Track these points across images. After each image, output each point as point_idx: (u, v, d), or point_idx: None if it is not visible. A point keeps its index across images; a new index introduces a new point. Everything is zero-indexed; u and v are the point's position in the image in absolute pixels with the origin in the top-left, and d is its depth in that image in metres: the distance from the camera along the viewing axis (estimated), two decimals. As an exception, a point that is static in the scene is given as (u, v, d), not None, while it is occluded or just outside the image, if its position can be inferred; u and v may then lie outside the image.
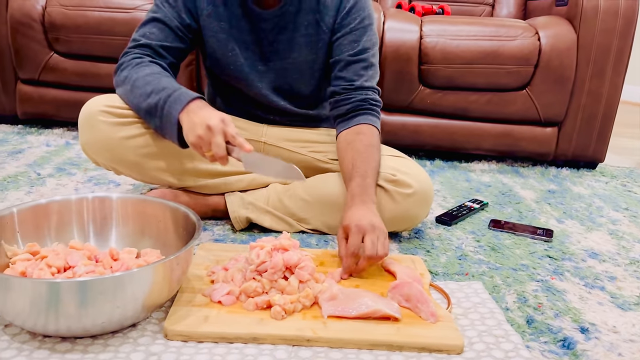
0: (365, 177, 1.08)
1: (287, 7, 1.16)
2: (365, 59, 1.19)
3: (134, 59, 1.12)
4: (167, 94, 1.03)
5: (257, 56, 1.20)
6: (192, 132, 0.98)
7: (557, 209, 1.53)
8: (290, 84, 1.25)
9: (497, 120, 1.89)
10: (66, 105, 1.92)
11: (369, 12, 1.20)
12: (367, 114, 1.19)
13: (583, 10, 1.78)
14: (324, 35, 1.18)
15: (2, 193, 1.37)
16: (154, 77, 1.07)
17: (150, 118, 1.08)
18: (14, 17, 1.83)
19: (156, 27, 1.15)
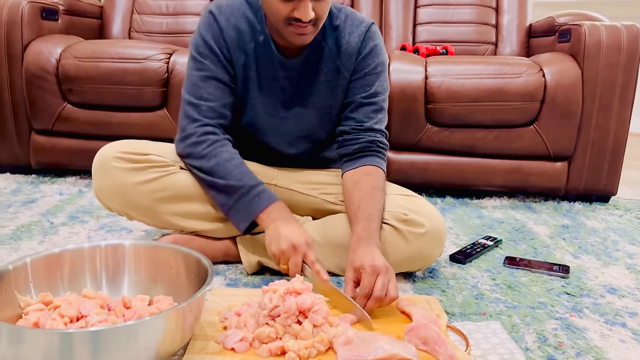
0: (370, 221, 1.09)
1: (310, 55, 1.20)
2: (376, 103, 1.22)
3: (208, 135, 1.15)
4: (252, 184, 1.11)
5: (280, 103, 1.23)
6: (277, 244, 1.04)
7: (572, 244, 1.51)
8: (308, 129, 1.27)
9: (506, 156, 1.89)
10: (79, 154, 1.95)
11: (383, 59, 1.24)
12: (374, 155, 1.20)
13: (586, 46, 1.81)
14: (344, 80, 1.22)
15: (15, 243, 1.38)
16: (234, 166, 1.14)
17: (221, 195, 1.13)
18: (29, 70, 1.89)
19: (211, 87, 1.17)
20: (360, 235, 1.07)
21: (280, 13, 1.06)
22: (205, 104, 1.16)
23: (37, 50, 1.90)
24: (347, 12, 1.24)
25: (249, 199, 1.10)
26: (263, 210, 1.08)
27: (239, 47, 1.18)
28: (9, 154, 2.01)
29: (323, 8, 1.08)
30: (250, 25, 1.18)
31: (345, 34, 1.21)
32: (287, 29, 1.08)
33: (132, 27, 2.39)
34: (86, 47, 1.90)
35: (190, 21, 2.36)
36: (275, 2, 1.05)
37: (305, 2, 1.03)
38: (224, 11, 1.18)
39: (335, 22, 1.21)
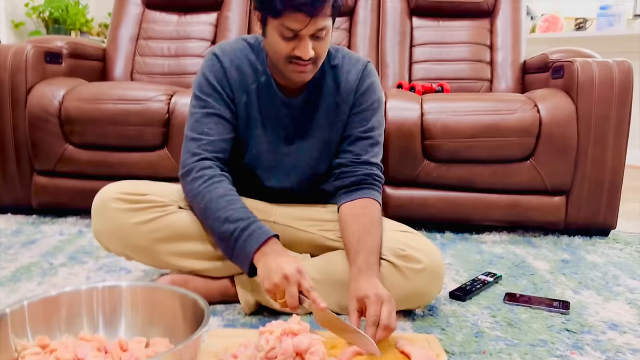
0: (370, 253, 1.10)
1: (310, 93, 1.24)
2: (372, 137, 1.26)
3: (205, 170, 1.16)
4: (242, 226, 1.09)
5: (282, 139, 1.26)
6: (268, 279, 1.03)
7: (572, 279, 1.50)
8: (309, 163, 1.29)
9: (504, 191, 1.90)
10: (80, 194, 1.96)
11: (380, 95, 1.28)
12: (370, 188, 1.23)
13: (579, 83, 1.84)
14: (343, 115, 1.26)
15: (14, 285, 1.38)
16: (227, 202, 1.12)
17: (223, 244, 1.13)
18: (32, 112, 1.92)
19: (212, 122, 1.20)
20: (361, 267, 1.07)
21: (282, 51, 1.10)
22: (206, 138, 1.18)
23: (41, 94, 1.94)
24: (344, 52, 1.29)
25: (241, 243, 1.08)
26: (257, 251, 1.07)
27: (241, 87, 1.22)
28: (11, 195, 2.03)
29: (322, 47, 1.12)
30: (253, 67, 1.23)
31: (343, 72, 1.25)
32: (288, 66, 1.12)
33: (134, 68, 2.44)
34: (89, 90, 1.94)
35: (191, 62, 2.42)
36: (278, 41, 1.09)
37: (306, 41, 1.08)
38: (227, 53, 1.23)
39: (334, 62, 1.26)
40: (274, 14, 1.07)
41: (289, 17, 1.05)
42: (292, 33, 1.07)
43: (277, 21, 1.08)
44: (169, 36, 2.47)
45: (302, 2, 1.03)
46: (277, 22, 1.08)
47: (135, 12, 2.52)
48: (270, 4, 1.06)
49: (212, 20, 2.50)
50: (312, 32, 1.08)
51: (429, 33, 2.48)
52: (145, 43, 2.47)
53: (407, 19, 2.51)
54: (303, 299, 1.01)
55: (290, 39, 1.08)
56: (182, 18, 2.50)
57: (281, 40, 1.09)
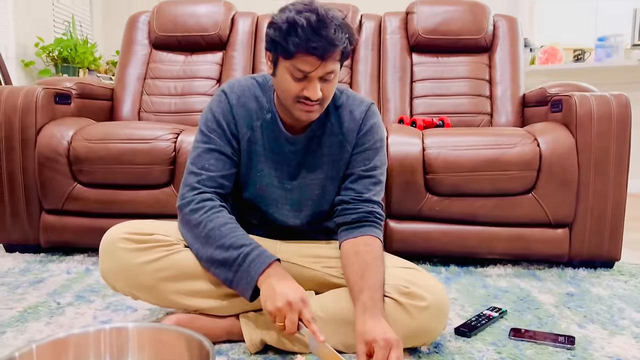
0: (374, 290, 1.12)
1: (315, 132, 1.28)
2: (374, 176, 1.29)
3: (206, 201, 1.19)
4: (246, 252, 1.12)
5: (285, 175, 1.30)
6: (272, 302, 1.05)
7: (578, 313, 1.50)
8: (312, 199, 1.32)
9: (507, 224, 1.91)
10: (87, 232, 1.99)
11: (382, 136, 1.32)
12: (372, 226, 1.25)
13: (577, 116, 1.87)
14: (346, 154, 1.29)
15: (22, 325, 1.39)
16: (229, 230, 1.16)
17: (221, 270, 1.15)
18: (42, 153, 1.97)
19: (213, 158, 1.24)
20: (367, 304, 1.09)
21: (291, 91, 1.15)
22: (207, 173, 1.22)
23: (50, 134, 1.99)
24: (349, 93, 1.34)
25: (245, 267, 1.11)
26: (261, 274, 1.09)
27: (246, 123, 1.26)
28: (19, 234, 2.06)
29: (329, 89, 1.18)
30: (259, 104, 1.28)
31: (347, 112, 1.30)
32: (296, 106, 1.17)
33: (141, 107, 2.50)
34: (97, 130, 1.99)
35: (197, 100, 2.47)
36: (288, 81, 1.15)
37: (315, 82, 1.13)
38: (235, 90, 1.28)
39: (338, 102, 1.30)
40: (286, 56, 1.13)
41: (300, 60, 1.11)
42: (303, 74, 1.13)
43: (288, 62, 1.13)
44: (175, 75, 2.53)
45: (314, 46, 1.09)
46: (288, 63, 1.13)
47: (143, 52, 2.59)
48: (283, 46, 1.11)
49: (218, 60, 2.57)
50: (321, 75, 1.13)
51: (429, 69, 2.53)
52: (152, 82, 2.53)
53: (407, 55, 2.56)
54: (301, 326, 1.03)
55: (300, 80, 1.14)
56: (189, 58, 2.57)
57: (291, 81, 1.14)
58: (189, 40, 2.57)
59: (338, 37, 1.11)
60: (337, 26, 1.12)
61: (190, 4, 2.61)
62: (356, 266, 1.17)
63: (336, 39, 1.11)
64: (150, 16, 2.64)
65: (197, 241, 1.19)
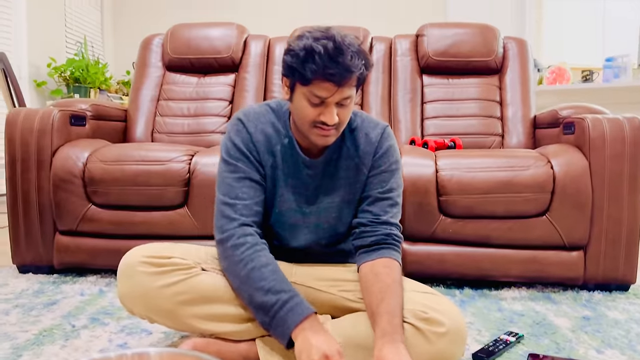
0: (394, 315, 1.11)
1: (331, 155, 1.30)
2: (391, 198, 1.30)
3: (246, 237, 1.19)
4: (285, 299, 1.12)
5: (303, 199, 1.31)
6: (307, 354, 1.05)
7: (595, 338, 1.49)
8: (329, 222, 1.33)
9: (522, 247, 1.90)
10: (101, 254, 1.99)
11: (397, 158, 1.33)
12: (390, 248, 1.25)
13: (591, 139, 1.87)
14: (362, 177, 1.31)
15: (38, 348, 1.39)
16: (270, 272, 1.16)
17: (260, 313, 1.15)
18: (57, 174, 1.98)
19: (245, 186, 1.25)
20: (386, 330, 1.08)
21: (308, 116, 1.17)
22: (241, 202, 1.22)
23: (65, 156, 2.00)
24: (364, 116, 1.35)
25: (282, 315, 1.11)
26: (297, 326, 1.09)
27: (267, 150, 1.28)
28: (33, 255, 2.06)
29: (345, 114, 1.19)
30: (276, 130, 1.29)
31: (362, 135, 1.31)
32: (312, 130, 1.19)
33: (154, 128, 2.52)
34: (112, 151, 2.01)
35: (210, 122, 2.50)
36: (305, 106, 1.17)
37: (331, 108, 1.16)
38: (251, 118, 1.30)
39: (353, 125, 1.32)
40: (303, 82, 1.15)
41: (317, 86, 1.13)
42: (319, 100, 1.15)
43: (305, 88, 1.15)
44: (188, 97, 2.56)
45: (331, 72, 1.11)
46: (305, 89, 1.15)
47: (156, 74, 2.63)
48: (300, 72, 1.14)
49: (230, 82, 2.60)
50: (337, 100, 1.16)
51: (439, 90, 2.55)
52: (165, 104, 2.56)
53: (418, 77, 2.59)
54: None
55: (317, 105, 1.16)
56: (202, 79, 2.61)
57: (308, 106, 1.16)
58: (202, 63, 2.61)
59: (354, 63, 1.13)
60: (354, 53, 1.14)
61: (203, 27, 2.65)
62: (376, 289, 1.17)
63: (352, 66, 1.13)
64: (164, 39, 2.68)
65: (237, 279, 1.19)
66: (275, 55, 2.64)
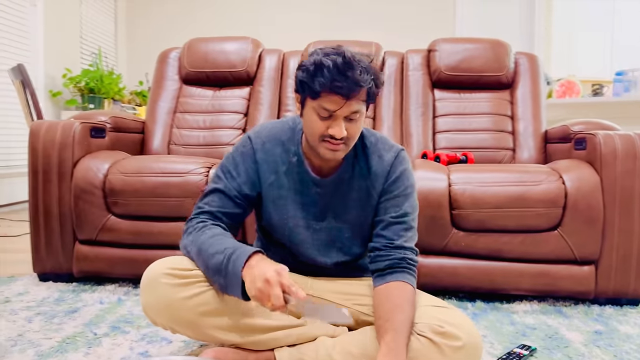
0: (399, 332, 1.13)
1: (343, 174, 1.32)
2: (406, 222, 1.30)
3: (197, 224, 1.28)
4: (229, 252, 1.16)
5: (312, 215, 1.34)
6: (253, 285, 1.09)
7: (608, 353, 1.51)
8: (342, 242, 1.36)
9: (533, 261, 1.92)
10: (120, 263, 2.03)
11: (412, 182, 1.34)
12: (404, 272, 1.25)
13: (602, 155, 1.90)
14: (373, 201, 1.32)
15: (62, 355, 1.43)
16: (216, 239, 1.21)
17: (217, 277, 1.18)
18: (78, 185, 2.03)
19: (216, 197, 1.32)
20: (390, 346, 1.11)
21: (317, 130, 1.21)
22: (206, 207, 1.31)
23: (86, 167, 2.05)
24: (378, 137, 1.37)
25: (231, 268, 1.14)
26: (244, 267, 1.12)
27: (269, 168, 1.32)
28: (53, 264, 2.11)
29: (354, 129, 1.22)
30: (285, 149, 1.33)
31: (375, 157, 1.33)
32: (321, 144, 1.22)
33: (171, 140, 2.57)
34: (132, 163, 2.05)
35: (225, 134, 2.55)
36: (315, 120, 1.21)
37: (340, 121, 1.19)
38: (261, 136, 1.35)
39: (368, 146, 1.34)
40: (312, 96, 1.19)
41: (326, 99, 1.17)
42: (328, 113, 1.18)
43: (315, 102, 1.19)
44: (204, 109, 2.61)
45: (339, 85, 1.15)
46: (315, 103, 1.19)
47: (173, 87, 2.68)
48: (310, 86, 1.18)
49: (245, 95, 2.65)
50: (346, 114, 1.19)
51: (451, 104, 2.58)
52: (182, 116, 2.61)
53: (429, 91, 2.62)
54: (288, 298, 1.06)
55: (325, 119, 1.19)
56: (217, 93, 2.66)
57: (318, 119, 1.20)
58: (218, 76, 2.66)
59: (363, 78, 1.17)
60: (363, 69, 1.18)
61: (219, 41, 2.71)
62: (385, 308, 1.18)
63: (361, 80, 1.16)
64: (180, 52, 2.74)
65: (197, 260, 1.24)
66: (290, 68, 2.69)
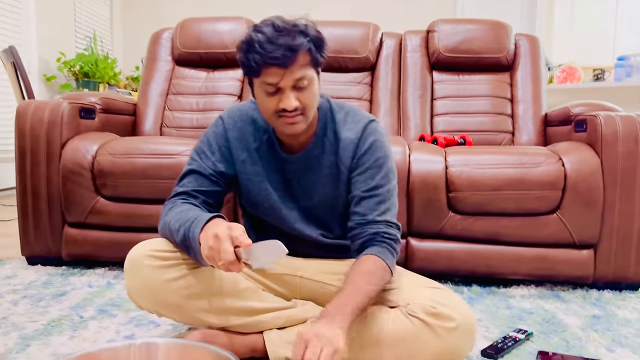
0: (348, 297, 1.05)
1: (311, 151, 1.28)
2: (378, 194, 1.24)
3: (168, 204, 1.26)
4: (190, 222, 1.13)
5: (287, 195, 1.31)
6: (205, 245, 1.05)
7: (605, 337, 1.47)
8: (321, 218, 1.32)
9: (532, 244, 1.89)
10: (109, 246, 2.00)
11: (385, 153, 1.27)
12: (376, 246, 1.19)
13: (603, 137, 1.85)
14: (343, 175, 1.28)
15: (46, 338, 1.40)
16: (181, 214, 1.18)
17: (186, 250, 1.16)
18: (66, 166, 1.99)
19: (192, 177, 1.29)
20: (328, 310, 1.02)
21: (269, 108, 1.17)
22: (181, 189, 1.28)
23: (75, 148, 2.01)
24: (348, 109, 1.32)
25: (191, 235, 1.10)
26: (200, 232, 1.08)
27: (241, 145, 1.29)
28: (42, 247, 2.07)
29: (307, 97, 1.16)
30: (256, 127, 1.30)
31: (344, 130, 1.28)
32: (278, 121, 1.18)
33: (163, 122, 2.52)
34: (121, 144, 2.01)
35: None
36: (263, 97, 1.17)
37: (288, 92, 1.14)
38: (232, 115, 1.32)
39: (337, 119, 1.29)
40: (254, 74, 1.15)
41: (265, 73, 1.12)
42: (273, 88, 1.14)
43: (258, 80, 1.15)
44: (197, 91, 2.56)
45: (273, 56, 1.10)
46: (259, 80, 1.15)
47: (166, 68, 2.63)
48: (248, 65, 1.14)
49: (239, 76, 2.59)
50: (291, 84, 1.14)
51: (450, 87, 2.53)
52: (174, 98, 2.56)
53: (428, 73, 2.57)
54: (239, 251, 1.00)
55: (273, 94, 1.15)
56: (211, 74, 2.60)
57: (266, 97, 1.16)
58: (211, 57, 2.61)
59: (298, 42, 1.11)
60: (298, 32, 1.12)
61: (213, 21, 2.65)
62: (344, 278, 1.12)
63: (295, 45, 1.10)
64: (173, 33, 2.68)
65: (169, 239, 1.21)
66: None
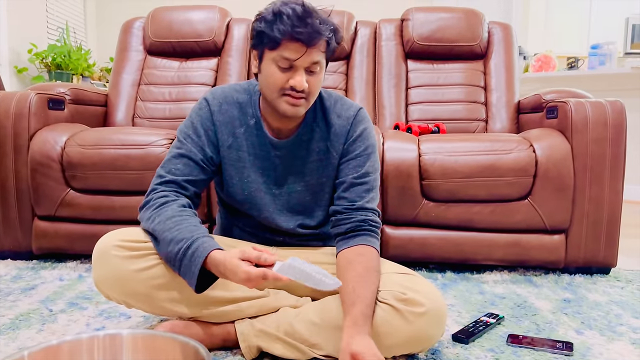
0: (366, 305, 1.09)
1: (301, 135, 1.28)
2: (367, 182, 1.26)
3: (159, 198, 1.20)
4: (186, 246, 1.09)
5: (272, 180, 1.30)
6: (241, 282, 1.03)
7: (575, 319, 1.50)
8: (303, 205, 1.32)
9: (504, 230, 1.90)
10: (80, 239, 1.96)
11: (373, 141, 1.30)
12: (366, 234, 1.22)
13: (573, 122, 1.87)
14: (334, 160, 1.28)
15: (13, 332, 1.37)
16: (173, 223, 1.13)
17: (171, 265, 1.13)
18: (34, 158, 1.94)
19: (181, 163, 1.24)
20: (357, 320, 1.07)
21: (277, 83, 1.16)
22: (170, 176, 1.22)
23: (43, 139, 1.96)
24: (337, 97, 1.33)
25: (187, 263, 1.08)
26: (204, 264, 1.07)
27: (227, 130, 1.27)
28: (11, 241, 2.03)
29: (314, 83, 1.17)
30: (242, 111, 1.28)
31: (334, 117, 1.29)
32: (281, 99, 1.17)
33: (135, 113, 2.48)
34: (90, 135, 1.97)
35: (191, 107, 2.46)
36: (274, 72, 1.15)
37: (301, 71, 1.14)
38: (217, 97, 1.29)
39: (326, 106, 1.30)
40: (272, 46, 1.14)
41: (286, 47, 1.12)
42: (289, 63, 1.13)
43: (274, 52, 1.14)
44: (170, 81, 2.52)
45: (300, 31, 1.10)
46: (274, 53, 1.14)
47: (137, 58, 2.58)
48: (269, 35, 1.13)
49: (213, 66, 2.56)
50: (307, 64, 1.14)
51: (424, 75, 2.53)
52: (146, 88, 2.52)
53: (402, 62, 2.57)
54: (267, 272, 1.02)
55: (286, 70, 1.15)
56: (184, 64, 2.57)
57: (277, 71, 1.15)
58: (184, 47, 2.57)
59: (323, 27, 1.13)
60: (323, 19, 1.15)
61: (185, 10, 2.61)
62: (349, 277, 1.14)
63: (321, 29, 1.13)
64: (145, 22, 2.63)
65: (152, 239, 1.17)
66: (259, 39, 2.60)
